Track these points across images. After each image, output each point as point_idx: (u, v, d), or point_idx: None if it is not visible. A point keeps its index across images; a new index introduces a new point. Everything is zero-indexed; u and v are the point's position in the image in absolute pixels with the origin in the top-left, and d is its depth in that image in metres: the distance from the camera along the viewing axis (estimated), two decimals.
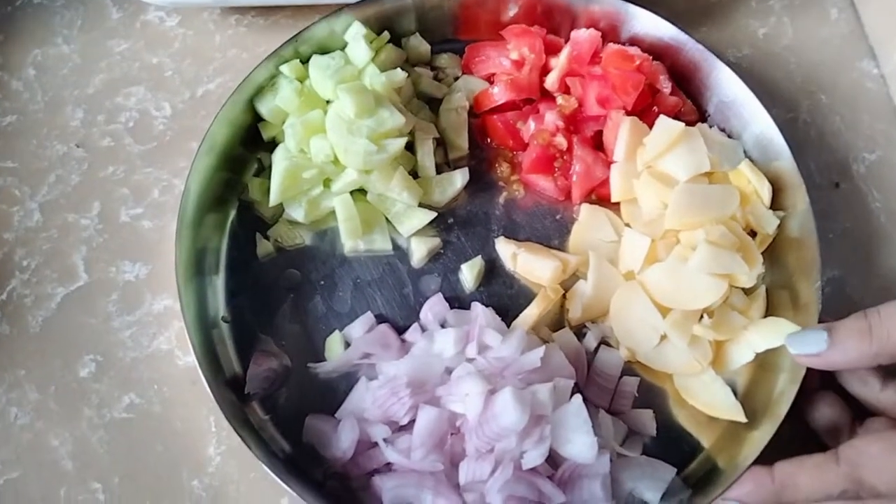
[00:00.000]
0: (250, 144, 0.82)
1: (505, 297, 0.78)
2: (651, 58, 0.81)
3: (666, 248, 0.74)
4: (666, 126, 0.77)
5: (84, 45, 0.93)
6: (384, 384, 0.69)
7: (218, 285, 0.77)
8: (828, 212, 0.84)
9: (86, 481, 0.70)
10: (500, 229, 0.82)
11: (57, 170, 0.85)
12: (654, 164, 0.78)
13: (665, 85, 0.82)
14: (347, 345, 0.75)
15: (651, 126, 0.80)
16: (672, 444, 0.72)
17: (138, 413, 0.73)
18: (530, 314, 0.74)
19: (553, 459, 0.66)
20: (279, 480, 0.64)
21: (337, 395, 0.73)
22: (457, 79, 0.88)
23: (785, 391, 0.70)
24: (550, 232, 0.82)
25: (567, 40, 0.87)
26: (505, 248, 0.79)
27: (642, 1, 0.83)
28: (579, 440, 0.65)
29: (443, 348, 0.71)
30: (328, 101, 0.80)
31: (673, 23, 0.82)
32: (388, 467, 0.68)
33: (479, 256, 0.79)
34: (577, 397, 0.66)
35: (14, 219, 0.82)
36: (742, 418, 0.70)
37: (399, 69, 0.81)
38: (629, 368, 0.75)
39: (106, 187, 0.83)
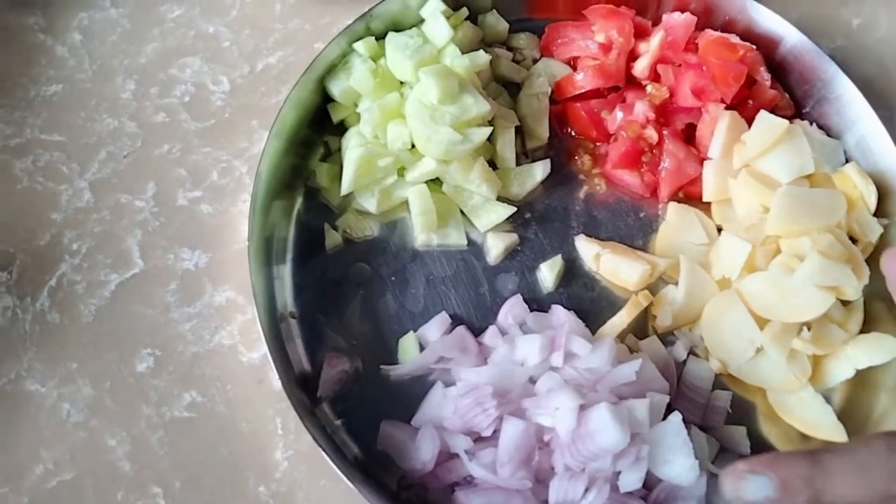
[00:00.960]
0: (317, 126, 0.77)
1: (586, 300, 0.74)
2: (754, 47, 0.75)
3: (765, 255, 0.69)
4: (768, 123, 0.72)
5: (134, 10, 0.87)
6: (467, 393, 0.64)
7: (285, 278, 0.72)
8: None
9: (145, 485, 0.66)
10: (580, 226, 0.77)
11: (108, 146, 0.79)
12: (754, 163, 0.73)
13: (765, 77, 0.76)
14: (422, 346, 0.70)
15: (747, 120, 0.74)
16: None
17: (200, 412, 0.68)
18: (619, 322, 0.70)
19: (646, 479, 0.62)
20: (354, 487, 0.60)
21: (410, 399, 0.68)
22: (535, 61, 0.82)
23: (888, 412, 0.66)
24: (633, 231, 0.77)
25: (654, 23, 0.81)
26: (587, 248, 0.74)
27: None
28: (678, 462, 0.61)
29: (527, 356, 0.67)
30: (403, 83, 0.75)
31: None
32: (467, 480, 0.64)
33: (559, 255, 0.75)
34: (677, 415, 0.62)
35: (62, 198, 0.77)
36: (843, 438, 0.66)
37: (481, 50, 0.75)
38: (718, 381, 0.70)
39: (161, 167, 0.78)
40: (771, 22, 0.78)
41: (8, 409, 0.68)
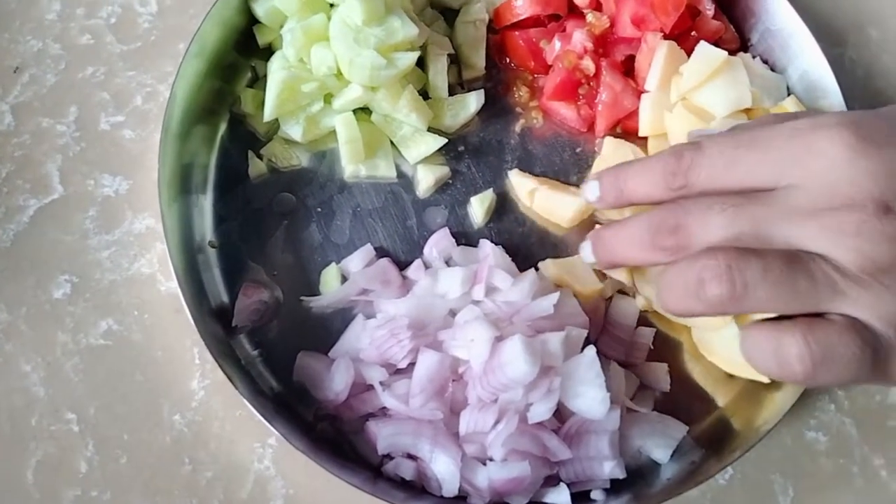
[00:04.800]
0: (244, 50, 0.74)
1: (516, 235, 0.72)
2: None
3: None
4: (706, 54, 0.70)
5: None
6: (383, 324, 0.63)
7: (205, 206, 0.70)
8: None
9: (59, 410, 0.65)
10: (515, 160, 0.75)
11: (31, 68, 0.76)
12: (691, 96, 0.70)
13: (708, 7, 0.73)
14: (344, 279, 0.69)
15: (689, 53, 0.72)
16: (684, 401, 0.68)
17: (116, 340, 0.68)
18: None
19: (559, 412, 0.61)
20: (265, 421, 0.59)
21: (331, 332, 0.67)
22: None
23: None
24: (569, 167, 0.75)
25: None
26: (520, 183, 0.73)
27: None
28: (590, 394, 0.60)
29: (448, 288, 0.66)
30: (332, 5, 0.72)
31: None
32: (383, 412, 0.64)
33: (491, 189, 0.73)
34: (591, 349, 0.61)
35: None
36: (764, 378, 0.65)
37: None
38: (644, 318, 0.70)
39: (84, 90, 0.76)
40: None
41: None
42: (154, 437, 0.65)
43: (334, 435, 0.64)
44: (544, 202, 0.72)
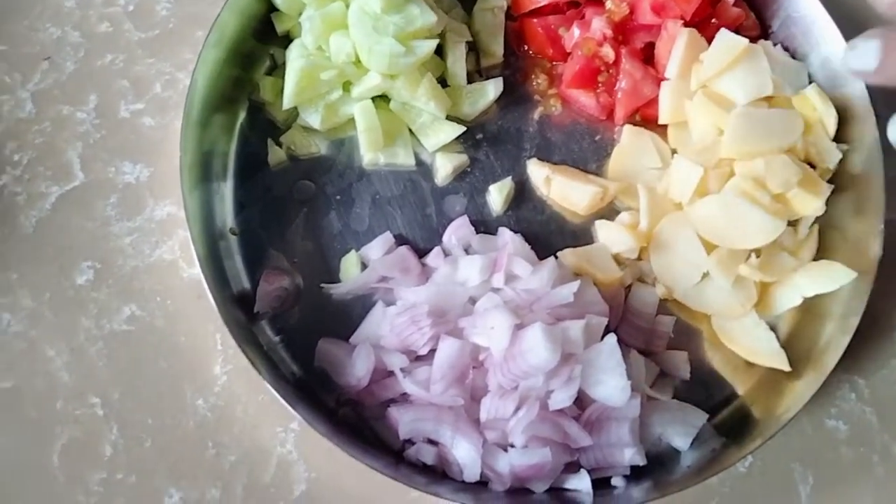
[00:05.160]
0: (262, 38, 0.74)
1: (535, 224, 0.72)
2: None
3: (718, 178, 0.68)
4: (727, 41, 0.69)
5: None
6: (403, 311, 0.64)
7: (226, 193, 0.71)
8: (887, 148, 0.76)
9: (84, 395, 0.66)
10: (533, 148, 0.75)
11: (51, 56, 0.77)
12: (711, 83, 0.70)
13: None
14: (364, 266, 0.69)
15: (709, 40, 0.71)
16: (704, 389, 0.68)
17: (139, 326, 0.68)
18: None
19: (580, 400, 0.62)
20: (288, 406, 0.60)
21: (351, 318, 0.68)
22: None
23: (832, 341, 0.66)
24: (588, 154, 0.75)
25: None
26: (537, 171, 0.73)
27: None
28: (611, 382, 0.60)
29: (467, 276, 0.66)
30: None
31: None
32: (404, 398, 0.64)
33: (509, 177, 0.73)
34: (611, 337, 0.61)
35: (4, 108, 0.75)
36: (786, 366, 0.66)
37: None
38: (664, 307, 0.70)
39: (104, 78, 0.76)
40: None
41: None
42: (178, 421, 0.66)
43: (355, 420, 0.65)
44: (561, 190, 0.72)
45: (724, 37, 0.69)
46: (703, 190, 0.68)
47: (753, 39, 0.72)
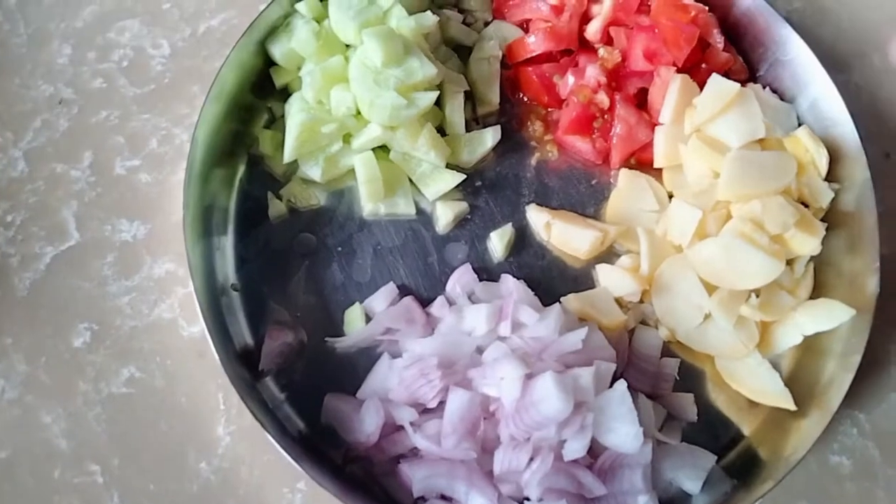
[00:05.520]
0: (260, 92, 0.74)
1: (536, 269, 0.73)
2: (707, 8, 0.74)
3: (716, 220, 0.69)
4: (719, 86, 0.71)
5: None
6: (411, 364, 0.63)
7: (226, 248, 0.70)
8: (876, 184, 0.78)
9: (82, 462, 0.64)
10: (532, 194, 0.75)
11: (43, 113, 0.76)
12: (704, 128, 0.71)
13: (718, 39, 0.75)
14: (368, 317, 0.69)
15: (700, 84, 0.73)
16: (710, 431, 0.68)
17: (139, 388, 0.67)
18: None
19: (592, 448, 0.61)
20: (296, 464, 0.59)
21: (356, 371, 0.67)
22: (487, 24, 0.80)
23: (835, 378, 0.66)
24: (585, 198, 0.75)
25: None
26: (537, 217, 0.73)
27: None
28: (623, 430, 0.60)
29: (474, 325, 0.66)
30: (348, 46, 0.73)
31: None
32: (413, 452, 0.63)
33: (510, 224, 0.73)
34: (622, 383, 0.61)
35: None
36: (791, 406, 0.66)
37: (429, 12, 0.72)
38: (667, 349, 0.70)
39: (98, 135, 0.75)
40: None
41: None
42: (181, 486, 0.64)
43: (364, 477, 0.64)
44: (561, 235, 0.73)
45: (716, 82, 0.71)
46: (701, 232, 0.69)
47: (742, 83, 0.74)
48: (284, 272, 0.70)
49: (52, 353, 0.67)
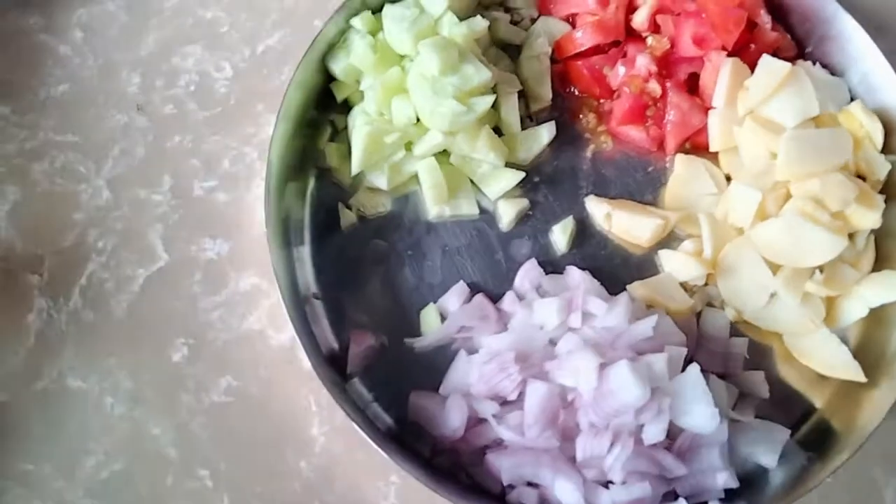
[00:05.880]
0: (322, 106, 0.77)
1: (600, 259, 0.75)
2: None
3: (776, 201, 0.70)
4: (770, 67, 0.72)
5: (130, 1, 0.87)
6: (490, 359, 0.66)
7: (305, 259, 0.74)
8: None
9: (192, 468, 0.69)
10: (589, 185, 0.78)
11: (120, 142, 0.81)
12: (758, 109, 0.73)
13: (765, 20, 0.76)
14: (442, 316, 0.72)
15: (750, 65, 0.74)
16: (783, 406, 0.70)
17: (237, 396, 0.71)
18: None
19: (669, 430, 0.64)
20: (390, 459, 0.63)
21: (435, 368, 0.71)
22: (533, 20, 0.82)
23: None
24: (643, 186, 0.77)
25: None
26: (597, 208, 0.75)
27: None
28: (699, 411, 0.63)
29: (545, 319, 0.68)
30: (402, 57, 0.75)
31: None
32: (497, 442, 0.67)
33: (570, 216, 0.76)
34: (694, 366, 0.64)
35: (82, 197, 0.78)
36: (861, 378, 0.68)
37: (479, 16, 0.75)
38: (734, 329, 0.72)
39: (174, 159, 0.80)
40: None
41: (55, 408, 0.71)
42: (284, 484, 0.69)
43: (452, 467, 0.68)
44: (622, 224, 0.75)
45: (767, 62, 0.72)
46: (762, 213, 0.70)
47: (791, 60, 0.75)
48: (360, 279, 0.74)
49: (155, 369, 0.72)
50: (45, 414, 0.71)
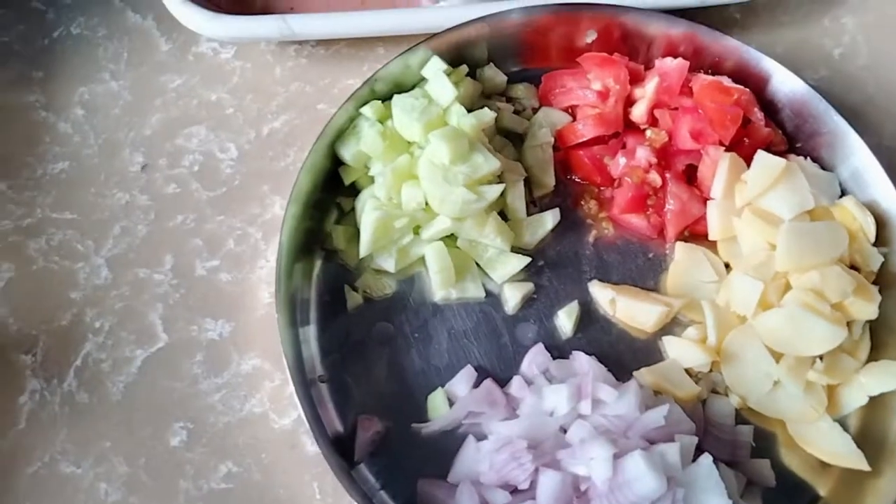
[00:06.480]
0: (329, 189, 0.78)
1: (605, 344, 0.76)
2: (747, 90, 0.78)
3: (776, 290, 0.72)
4: (766, 162, 0.75)
5: (134, 81, 0.88)
6: (502, 447, 0.66)
7: (311, 340, 0.73)
8: None
9: None
10: (592, 270, 0.79)
11: (121, 221, 0.80)
12: (756, 202, 0.75)
13: (759, 117, 0.79)
14: (450, 401, 0.72)
15: (744, 158, 0.77)
16: (788, 494, 0.71)
17: (237, 482, 0.69)
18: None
19: None
20: None
21: (442, 454, 0.70)
22: (535, 110, 0.85)
23: None
24: (644, 272, 0.79)
25: (646, 67, 0.84)
26: (601, 293, 0.77)
27: (711, 22, 0.81)
28: (713, 502, 0.63)
29: (555, 406, 0.68)
30: (410, 143, 0.77)
31: (754, 48, 0.80)
32: None
33: (575, 301, 0.77)
34: (707, 457, 0.64)
35: (80, 276, 0.77)
36: (865, 466, 0.68)
37: (486, 108, 0.77)
38: (739, 416, 0.73)
39: (176, 238, 0.79)
40: (759, 60, 0.81)
41: (45, 493, 0.68)
42: None
43: None
44: (627, 310, 0.76)
45: (763, 158, 0.75)
46: (764, 302, 0.72)
47: (783, 154, 0.78)
48: (366, 361, 0.73)
49: (151, 454, 0.70)
50: (36, 500, 0.67)
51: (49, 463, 0.69)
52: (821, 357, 0.71)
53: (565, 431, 0.68)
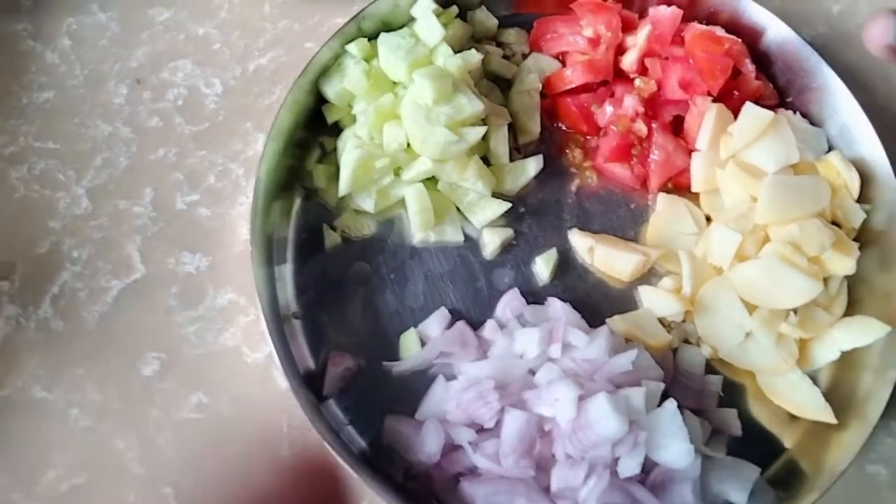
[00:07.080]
0: (312, 127, 0.78)
1: (580, 291, 0.76)
2: (739, 40, 0.77)
3: (754, 243, 0.72)
4: (753, 114, 0.74)
5: (123, 14, 0.87)
6: (469, 387, 0.66)
7: (286, 278, 0.73)
8: None
9: (156, 486, 0.67)
10: (573, 218, 0.78)
11: (103, 152, 0.80)
12: (740, 154, 0.75)
13: (749, 68, 0.78)
14: (422, 341, 0.72)
15: (732, 110, 0.76)
16: (754, 444, 0.71)
17: (207, 413, 0.70)
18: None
19: (644, 463, 0.64)
20: (363, 482, 0.62)
21: (411, 393, 0.70)
22: (525, 56, 0.83)
23: (873, 392, 0.69)
24: (625, 222, 0.79)
25: (640, 16, 0.83)
26: (580, 241, 0.76)
27: None
28: (675, 446, 0.63)
29: (525, 348, 0.69)
30: (395, 83, 0.76)
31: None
32: (471, 470, 0.66)
33: (554, 248, 0.76)
34: (672, 402, 0.64)
35: (60, 205, 0.77)
36: (832, 419, 0.69)
37: (473, 49, 0.76)
38: (709, 366, 0.73)
39: (158, 171, 0.79)
40: (754, 12, 0.80)
41: (17, 417, 0.69)
42: None
43: (424, 493, 0.67)
44: (604, 259, 0.76)
45: (751, 110, 0.74)
46: (741, 254, 0.72)
47: (772, 108, 0.77)
48: (341, 300, 0.73)
49: (123, 382, 0.71)
50: (5, 423, 0.68)
51: (22, 388, 0.70)
52: (795, 311, 0.71)
53: (534, 374, 0.68)
